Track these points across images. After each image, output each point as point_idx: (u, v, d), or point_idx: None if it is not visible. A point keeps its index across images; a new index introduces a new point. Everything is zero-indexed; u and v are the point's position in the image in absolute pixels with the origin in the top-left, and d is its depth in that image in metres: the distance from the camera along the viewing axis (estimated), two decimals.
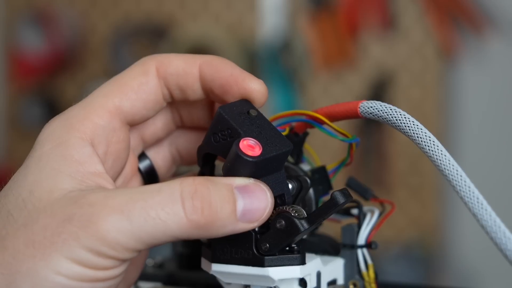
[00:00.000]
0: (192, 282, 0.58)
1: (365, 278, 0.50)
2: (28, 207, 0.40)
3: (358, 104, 0.46)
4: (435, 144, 0.43)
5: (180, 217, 0.40)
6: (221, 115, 0.45)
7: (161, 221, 0.39)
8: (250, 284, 0.46)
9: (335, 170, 0.51)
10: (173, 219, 0.40)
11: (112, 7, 2.11)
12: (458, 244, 1.93)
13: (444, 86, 1.93)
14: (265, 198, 0.43)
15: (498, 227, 0.41)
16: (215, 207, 0.41)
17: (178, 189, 0.40)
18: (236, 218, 0.42)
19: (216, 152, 0.45)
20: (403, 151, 1.90)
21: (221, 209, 0.41)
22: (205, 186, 0.41)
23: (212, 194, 0.41)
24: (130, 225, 0.39)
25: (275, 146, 0.44)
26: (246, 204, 0.42)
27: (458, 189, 0.42)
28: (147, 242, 0.40)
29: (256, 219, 0.43)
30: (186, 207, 0.40)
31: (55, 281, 0.39)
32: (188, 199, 0.40)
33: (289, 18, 1.98)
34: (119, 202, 0.39)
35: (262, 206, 0.43)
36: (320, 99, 1.96)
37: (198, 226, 0.40)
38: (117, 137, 0.45)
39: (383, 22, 1.93)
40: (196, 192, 0.40)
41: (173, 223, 0.40)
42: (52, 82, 2.09)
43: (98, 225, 0.39)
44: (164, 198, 0.40)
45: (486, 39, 1.90)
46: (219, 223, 0.41)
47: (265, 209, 0.43)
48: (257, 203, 0.42)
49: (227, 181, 0.42)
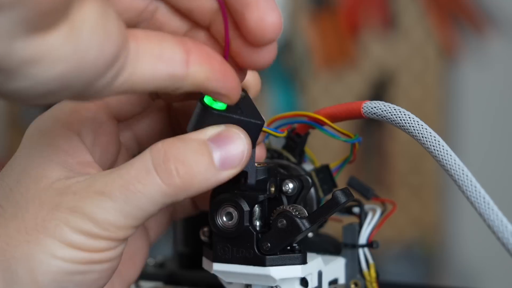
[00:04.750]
0: (193, 281, 0.58)
1: (366, 277, 0.50)
2: (16, 197, 0.41)
3: (362, 104, 0.46)
4: (440, 143, 0.43)
5: (158, 184, 0.39)
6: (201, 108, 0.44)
7: (141, 194, 0.39)
8: (252, 283, 0.46)
9: (338, 168, 0.51)
10: (152, 189, 0.40)
11: None
12: (459, 243, 1.93)
13: (445, 86, 1.93)
14: (240, 141, 0.42)
15: (505, 226, 0.41)
16: (189, 164, 0.40)
17: (149, 158, 0.40)
18: (215, 168, 0.41)
19: None
20: (404, 151, 1.90)
21: (196, 163, 0.40)
22: (174, 146, 0.40)
23: (183, 152, 0.40)
24: (114, 204, 0.39)
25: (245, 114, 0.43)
26: (222, 152, 0.41)
27: (464, 188, 0.42)
28: (137, 216, 0.40)
29: (237, 164, 0.41)
30: (160, 173, 0.40)
31: (52, 263, 0.39)
32: (160, 164, 0.40)
33: (289, 17, 1.98)
34: (99, 185, 0.40)
35: (239, 149, 0.41)
36: (320, 98, 1.96)
37: (179, 188, 0.40)
38: (104, 130, 0.45)
39: (384, 21, 1.93)
40: (166, 154, 0.40)
41: (154, 192, 0.40)
42: None
43: (84, 209, 0.39)
44: (138, 170, 0.40)
45: (487, 39, 1.90)
46: (199, 178, 0.40)
47: (244, 151, 0.42)
48: (233, 147, 0.41)
49: (197, 135, 0.41)
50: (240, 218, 0.44)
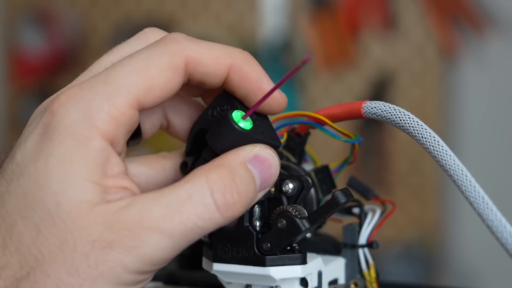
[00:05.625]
0: (193, 281, 0.58)
1: (366, 277, 0.50)
2: (58, 225, 0.39)
3: (362, 104, 0.46)
4: (439, 144, 0.43)
5: (216, 218, 0.40)
6: (226, 92, 0.45)
7: (199, 228, 0.40)
8: (251, 283, 0.46)
9: (338, 168, 0.51)
10: (212, 224, 0.40)
11: (112, 6, 2.11)
12: (459, 244, 1.93)
13: (445, 86, 1.93)
14: (275, 163, 0.43)
15: (503, 226, 0.41)
16: (245, 196, 0.41)
17: (208, 192, 0.40)
18: (256, 192, 0.43)
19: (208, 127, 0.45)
20: (404, 151, 1.90)
21: (247, 193, 0.41)
22: (231, 179, 0.41)
23: (238, 184, 0.41)
24: (171, 241, 0.39)
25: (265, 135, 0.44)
26: (261, 176, 0.43)
27: (464, 189, 0.42)
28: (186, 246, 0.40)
29: (270, 185, 0.44)
30: (220, 208, 0.40)
31: None
32: (221, 199, 0.40)
33: (289, 18, 1.98)
34: (155, 220, 0.39)
35: (273, 171, 0.43)
36: (320, 99, 1.96)
37: (232, 218, 0.41)
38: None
39: (384, 21, 1.93)
40: (225, 187, 0.40)
41: (210, 225, 0.40)
42: (53, 82, 2.09)
43: (141, 250, 0.38)
44: (197, 205, 0.40)
45: (487, 39, 1.90)
46: (246, 205, 0.42)
47: (276, 172, 0.44)
48: (269, 170, 0.43)
49: (239, 159, 0.42)
50: (240, 218, 0.44)
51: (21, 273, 0.38)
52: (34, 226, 0.39)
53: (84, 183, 0.39)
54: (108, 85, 0.41)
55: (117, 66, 0.42)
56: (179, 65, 0.43)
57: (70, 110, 0.40)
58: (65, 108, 0.40)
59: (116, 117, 0.41)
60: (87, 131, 0.40)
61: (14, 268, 0.38)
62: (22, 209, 0.39)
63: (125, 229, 0.38)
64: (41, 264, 0.38)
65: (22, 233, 0.39)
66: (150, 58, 0.42)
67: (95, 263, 0.38)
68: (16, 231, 0.39)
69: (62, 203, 0.39)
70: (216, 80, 0.44)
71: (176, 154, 0.49)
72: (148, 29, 0.47)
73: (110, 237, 0.38)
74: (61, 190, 0.39)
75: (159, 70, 0.42)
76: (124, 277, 0.39)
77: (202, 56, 0.44)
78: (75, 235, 0.38)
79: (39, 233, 0.39)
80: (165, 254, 0.39)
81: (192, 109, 0.49)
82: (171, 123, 0.49)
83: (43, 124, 0.40)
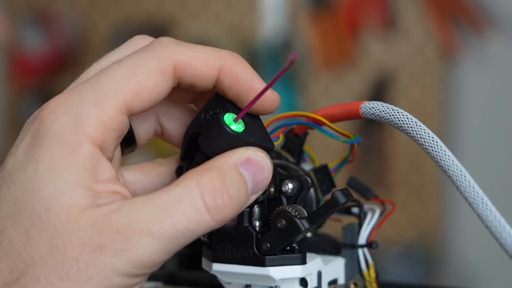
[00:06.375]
0: (192, 281, 0.58)
1: (366, 277, 0.50)
2: (48, 229, 0.39)
3: (360, 104, 0.46)
4: (438, 144, 0.43)
5: (207, 221, 0.40)
6: (219, 95, 0.45)
7: (189, 231, 0.40)
8: (251, 283, 0.47)
9: (337, 168, 0.51)
10: (203, 227, 0.40)
11: (112, 6, 2.11)
12: (459, 244, 1.93)
13: (445, 86, 1.93)
14: (267, 166, 0.43)
15: (503, 227, 0.41)
16: (236, 199, 0.41)
17: (198, 194, 0.40)
18: (248, 195, 0.42)
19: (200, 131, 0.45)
20: (404, 151, 1.90)
21: (238, 197, 0.41)
22: (222, 181, 0.41)
23: (229, 187, 0.41)
24: (162, 244, 0.39)
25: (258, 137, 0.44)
26: (253, 179, 0.43)
27: (462, 189, 0.42)
28: (177, 250, 0.40)
29: (262, 188, 0.43)
30: (211, 211, 0.40)
31: None
32: (211, 201, 0.40)
33: (289, 17, 1.98)
34: (146, 223, 0.39)
35: (266, 175, 0.43)
36: (320, 98, 1.96)
37: (223, 221, 0.41)
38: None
39: (384, 21, 1.93)
40: (216, 190, 0.40)
41: (201, 228, 0.40)
42: (53, 82, 2.10)
43: (131, 253, 0.38)
44: (187, 208, 0.40)
45: (487, 39, 1.90)
46: (238, 208, 0.42)
47: (269, 176, 0.43)
48: (261, 174, 0.43)
49: (231, 162, 0.42)
50: (239, 218, 0.44)
51: (11, 278, 0.38)
52: (25, 231, 0.39)
53: (74, 187, 0.39)
54: (97, 90, 0.41)
55: (106, 72, 0.42)
56: (167, 69, 0.43)
57: (59, 116, 0.40)
58: (54, 115, 0.40)
59: (105, 122, 0.41)
60: (76, 137, 0.40)
61: (4, 273, 0.38)
62: (12, 215, 0.39)
63: (115, 232, 0.38)
64: (32, 268, 0.38)
65: (12, 238, 0.39)
66: (138, 63, 0.42)
67: (85, 266, 0.38)
68: (6, 237, 0.39)
69: (52, 207, 0.39)
70: (207, 82, 0.45)
71: (171, 160, 0.49)
72: (138, 36, 0.47)
73: (100, 240, 0.38)
74: (51, 195, 0.39)
75: (147, 75, 0.42)
76: (115, 281, 0.38)
77: (190, 59, 0.44)
78: (65, 239, 0.38)
79: (30, 238, 0.39)
80: (156, 257, 0.39)
81: (185, 114, 0.49)
82: (165, 129, 0.49)
83: (33, 132, 0.41)
